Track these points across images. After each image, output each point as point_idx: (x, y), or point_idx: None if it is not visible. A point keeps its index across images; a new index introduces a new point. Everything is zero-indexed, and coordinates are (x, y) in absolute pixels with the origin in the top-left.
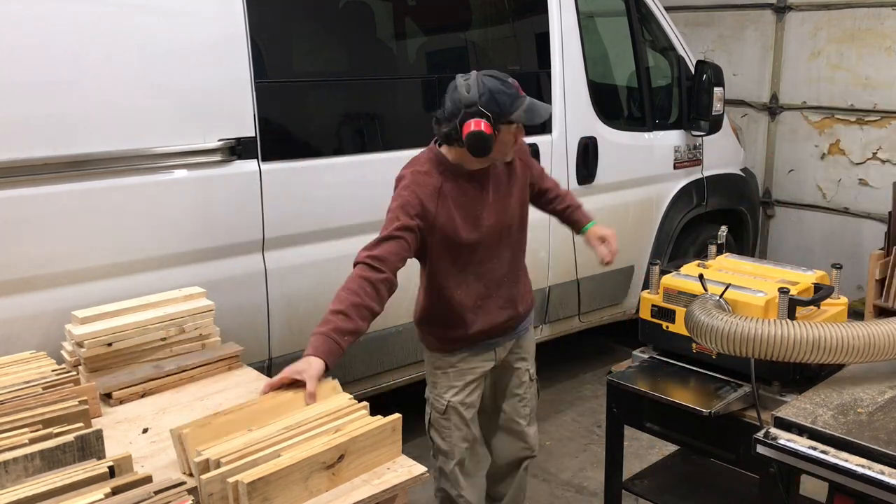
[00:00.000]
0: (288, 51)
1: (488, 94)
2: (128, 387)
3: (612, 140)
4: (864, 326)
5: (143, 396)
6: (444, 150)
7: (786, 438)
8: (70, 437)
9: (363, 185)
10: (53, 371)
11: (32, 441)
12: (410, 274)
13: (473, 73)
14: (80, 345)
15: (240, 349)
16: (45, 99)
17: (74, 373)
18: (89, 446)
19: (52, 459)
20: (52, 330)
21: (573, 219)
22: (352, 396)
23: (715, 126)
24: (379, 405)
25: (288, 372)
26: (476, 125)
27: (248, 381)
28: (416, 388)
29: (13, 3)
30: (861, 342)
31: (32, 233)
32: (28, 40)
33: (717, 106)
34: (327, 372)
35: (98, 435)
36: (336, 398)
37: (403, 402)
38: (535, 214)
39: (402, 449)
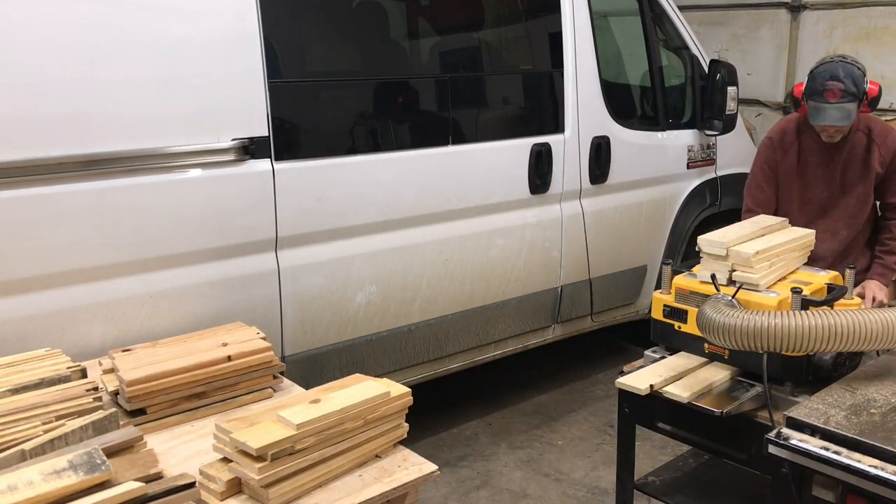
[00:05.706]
0: (301, 50)
1: None
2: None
3: (625, 139)
4: (880, 312)
5: None
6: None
7: (798, 439)
8: (87, 420)
9: (376, 185)
10: (69, 368)
11: (46, 432)
12: (416, 275)
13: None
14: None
15: None
16: (59, 98)
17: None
18: (104, 431)
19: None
20: (67, 327)
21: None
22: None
23: (728, 125)
24: None
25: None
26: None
27: None
28: (429, 388)
29: (28, 4)
30: (878, 327)
31: (48, 231)
32: (42, 40)
33: (731, 105)
34: None
35: (113, 417)
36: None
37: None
38: (539, 214)
39: (415, 448)
